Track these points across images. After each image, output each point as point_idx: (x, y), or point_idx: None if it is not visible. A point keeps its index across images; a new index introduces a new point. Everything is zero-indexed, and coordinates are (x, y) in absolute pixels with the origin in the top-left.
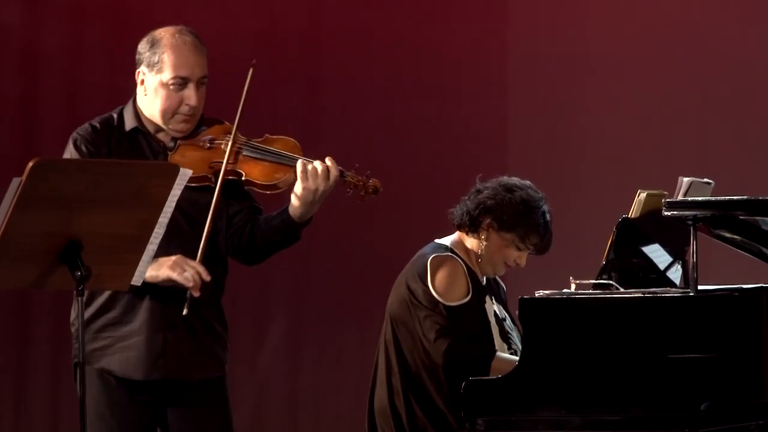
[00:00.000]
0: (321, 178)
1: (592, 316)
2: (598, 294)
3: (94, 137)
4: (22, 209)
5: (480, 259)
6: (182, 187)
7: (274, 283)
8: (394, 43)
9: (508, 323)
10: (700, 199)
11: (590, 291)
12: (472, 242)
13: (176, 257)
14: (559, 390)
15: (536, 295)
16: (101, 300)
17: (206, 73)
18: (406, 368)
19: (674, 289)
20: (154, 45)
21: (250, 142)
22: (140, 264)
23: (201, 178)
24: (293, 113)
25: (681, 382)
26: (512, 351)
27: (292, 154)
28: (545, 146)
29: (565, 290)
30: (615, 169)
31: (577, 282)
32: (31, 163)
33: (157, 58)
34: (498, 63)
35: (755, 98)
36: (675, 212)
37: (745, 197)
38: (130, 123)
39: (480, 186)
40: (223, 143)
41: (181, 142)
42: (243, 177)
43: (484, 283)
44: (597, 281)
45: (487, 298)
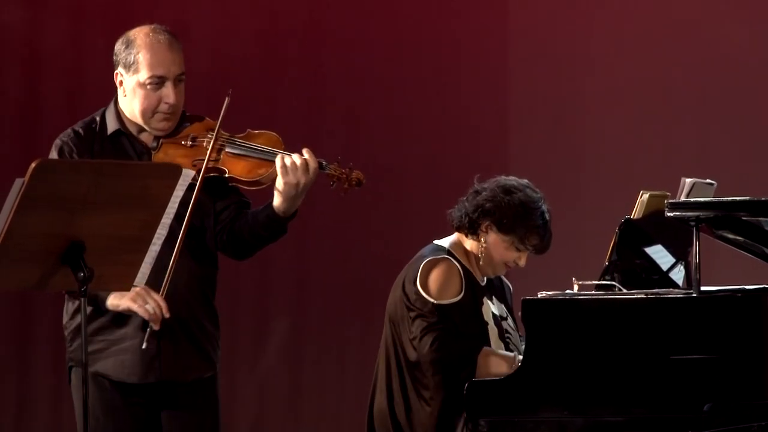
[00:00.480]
0: (301, 171)
1: (595, 317)
2: (601, 295)
3: (77, 143)
4: (25, 210)
5: (480, 261)
6: (185, 188)
7: (275, 282)
8: (395, 42)
9: (509, 323)
10: (702, 199)
11: (593, 292)
12: (471, 244)
13: (140, 288)
14: (561, 391)
15: (539, 296)
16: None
17: (183, 69)
18: (403, 371)
19: (677, 290)
20: (129, 45)
21: (231, 139)
22: (143, 265)
23: None
24: (294, 113)
25: (683, 383)
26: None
27: (273, 149)
28: (546, 146)
29: (567, 291)
30: (617, 169)
31: (580, 283)
32: (33, 164)
33: (132, 59)
34: (499, 63)
35: (757, 99)
36: (678, 213)
37: (747, 198)
38: (112, 125)
39: (478, 187)
40: (205, 141)
41: (163, 141)
42: (226, 174)
43: (484, 283)
44: (600, 282)
45: (485, 298)
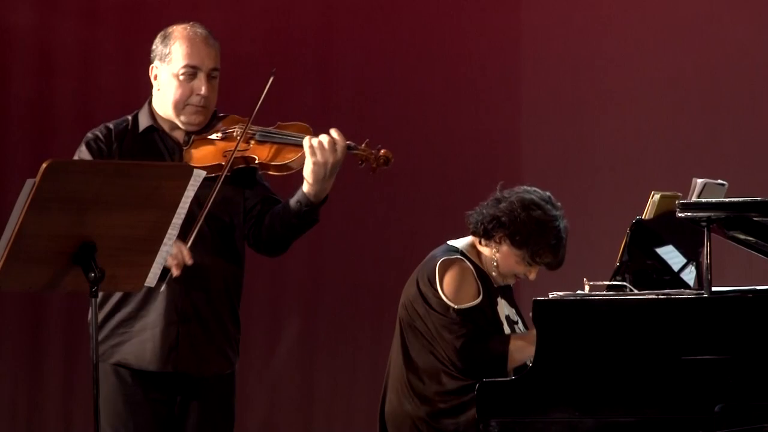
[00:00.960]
0: (329, 150)
1: (606, 318)
2: (612, 295)
3: (107, 136)
4: (36, 211)
5: (492, 269)
6: (196, 188)
7: (288, 283)
8: (408, 43)
9: (520, 327)
10: (714, 200)
11: (604, 292)
12: (485, 249)
13: None
14: (572, 392)
15: (550, 296)
16: (115, 298)
17: (217, 66)
18: (415, 372)
19: (688, 291)
20: (166, 38)
21: (261, 129)
22: (154, 265)
23: (214, 167)
24: (307, 112)
25: (695, 384)
26: None
27: (300, 134)
28: (558, 146)
29: (578, 291)
30: (628, 170)
31: (591, 283)
32: (44, 165)
33: (168, 50)
34: (511, 64)
35: None
36: (689, 214)
37: (759, 198)
38: (144, 122)
39: (500, 195)
40: (235, 131)
41: (195, 137)
42: (256, 161)
43: (497, 285)
44: (611, 283)
45: (499, 299)
